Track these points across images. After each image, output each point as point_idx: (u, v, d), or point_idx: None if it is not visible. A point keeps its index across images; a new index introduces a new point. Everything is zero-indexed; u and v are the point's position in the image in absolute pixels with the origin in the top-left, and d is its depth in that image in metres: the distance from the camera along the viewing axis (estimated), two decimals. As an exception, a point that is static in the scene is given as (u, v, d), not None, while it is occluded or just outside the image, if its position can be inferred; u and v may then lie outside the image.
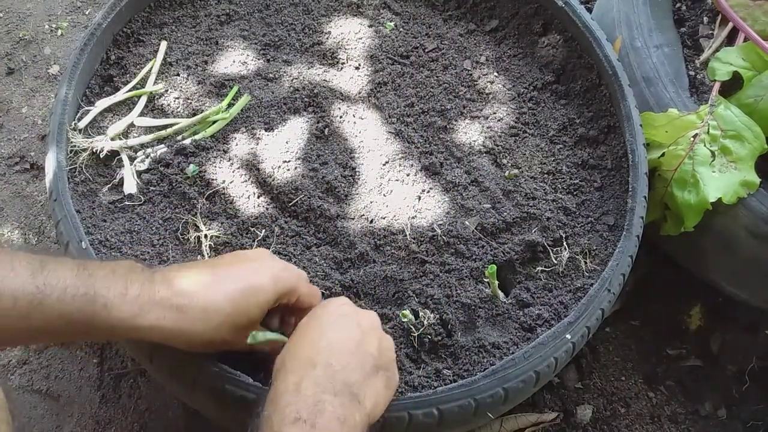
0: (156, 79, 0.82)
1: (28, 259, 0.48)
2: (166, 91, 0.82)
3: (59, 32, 1.22)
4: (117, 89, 0.81)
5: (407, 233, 0.73)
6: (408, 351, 0.65)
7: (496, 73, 0.88)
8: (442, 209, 0.75)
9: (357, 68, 0.86)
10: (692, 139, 0.79)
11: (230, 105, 0.80)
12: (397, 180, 0.77)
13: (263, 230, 0.72)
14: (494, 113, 0.84)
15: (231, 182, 0.75)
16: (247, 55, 0.86)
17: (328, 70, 0.86)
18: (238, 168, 0.76)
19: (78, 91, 0.78)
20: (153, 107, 0.81)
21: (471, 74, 0.87)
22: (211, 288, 0.53)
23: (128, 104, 0.80)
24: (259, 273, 0.55)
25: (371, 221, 0.74)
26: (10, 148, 1.09)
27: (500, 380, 0.60)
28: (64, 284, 0.47)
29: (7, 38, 1.20)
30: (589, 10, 0.97)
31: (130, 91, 0.80)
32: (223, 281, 0.54)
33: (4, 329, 0.46)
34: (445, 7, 0.95)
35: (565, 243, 0.73)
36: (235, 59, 0.85)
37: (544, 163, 0.81)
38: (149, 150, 0.76)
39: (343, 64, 0.87)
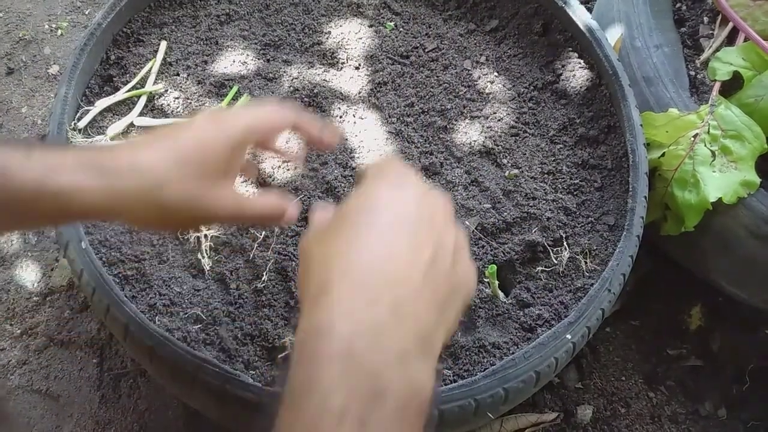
0: (156, 79, 0.82)
1: None
2: (166, 91, 0.81)
3: (59, 32, 1.22)
4: (117, 89, 0.81)
5: (407, 233, 0.73)
6: (408, 351, 0.65)
7: (496, 73, 0.88)
8: (442, 209, 0.75)
9: (357, 68, 0.86)
10: (693, 139, 0.79)
11: (230, 105, 0.80)
12: (397, 180, 0.77)
13: (263, 230, 0.72)
14: (494, 113, 0.84)
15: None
16: (247, 55, 0.86)
17: (328, 70, 0.86)
18: (238, 168, 0.76)
19: (78, 90, 0.77)
20: (153, 107, 0.81)
21: (471, 74, 0.87)
22: (144, 144, 0.44)
23: (128, 104, 0.80)
24: (215, 115, 0.47)
25: (371, 221, 0.74)
26: (9, 148, 1.09)
27: (500, 380, 0.60)
28: None
29: (6, 38, 1.20)
30: (590, 10, 0.97)
31: (129, 91, 0.80)
32: (161, 137, 0.45)
33: None
34: (445, 7, 0.95)
35: (565, 243, 0.73)
36: (235, 59, 0.85)
37: (545, 163, 0.81)
38: (149, 150, 0.75)
39: (343, 64, 0.87)
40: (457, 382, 0.61)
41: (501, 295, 0.70)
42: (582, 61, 0.86)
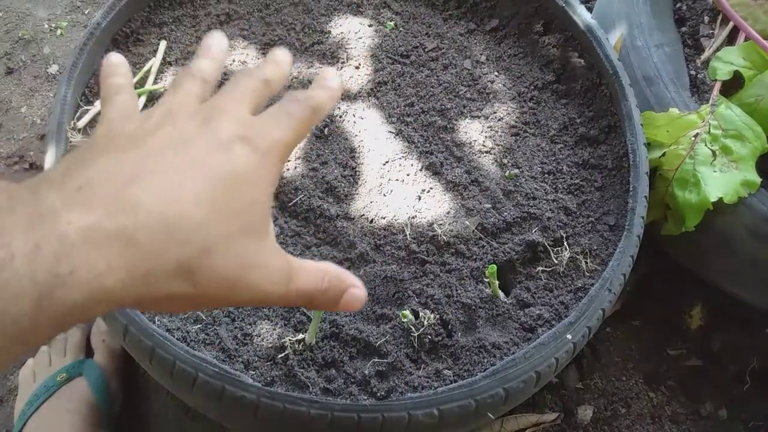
0: (155, 78, 0.82)
1: None
2: (166, 90, 0.81)
3: (58, 32, 1.22)
4: (116, 89, 0.81)
5: (407, 233, 0.73)
6: (408, 351, 0.65)
7: (496, 73, 0.88)
8: (442, 209, 0.75)
9: (357, 68, 0.86)
10: (693, 138, 0.79)
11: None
12: (397, 180, 0.77)
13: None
14: (494, 113, 0.84)
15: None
16: (247, 55, 0.86)
17: (328, 69, 0.86)
18: (238, 168, 0.76)
19: (77, 90, 0.77)
20: (152, 107, 0.80)
21: (471, 74, 0.87)
22: (158, 183, 0.29)
23: (128, 104, 0.80)
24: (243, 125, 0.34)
25: (371, 221, 0.74)
26: (9, 147, 1.09)
27: (501, 380, 0.60)
28: None
29: (6, 38, 1.20)
30: (590, 10, 0.97)
31: (129, 90, 0.80)
32: (172, 169, 0.30)
33: None
34: (446, 7, 0.94)
35: (565, 243, 0.73)
36: (235, 59, 0.85)
37: (545, 163, 0.80)
38: (149, 150, 0.75)
39: (343, 63, 0.87)
40: (457, 382, 0.61)
41: (501, 295, 0.70)
42: (582, 60, 0.86)
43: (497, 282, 0.68)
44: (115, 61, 0.41)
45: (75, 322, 0.27)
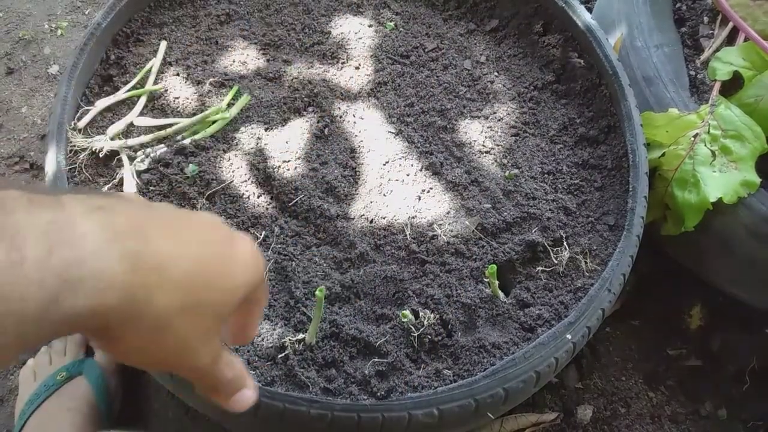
0: (156, 78, 0.82)
1: None
2: (166, 90, 0.81)
3: (59, 32, 1.22)
4: (117, 89, 0.81)
5: (407, 233, 0.73)
6: (408, 351, 0.65)
7: (496, 73, 0.88)
8: (442, 209, 0.75)
9: (357, 68, 0.86)
10: (693, 138, 0.79)
11: (230, 105, 0.80)
12: (397, 180, 0.77)
13: (263, 230, 0.72)
14: (494, 113, 0.84)
15: (231, 182, 0.75)
16: (247, 55, 0.86)
17: (328, 69, 0.86)
18: (238, 168, 0.76)
19: (78, 90, 0.77)
20: (153, 107, 0.81)
21: (471, 74, 0.87)
22: (167, 234, 0.33)
23: (128, 104, 0.80)
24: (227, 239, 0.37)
25: (371, 221, 0.74)
26: (9, 147, 1.09)
27: (500, 380, 0.60)
28: None
29: (6, 38, 1.20)
30: (590, 10, 0.97)
31: (129, 90, 0.80)
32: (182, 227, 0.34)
33: None
34: (445, 7, 0.95)
35: (565, 243, 0.73)
36: (235, 59, 0.85)
37: (545, 163, 0.80)
38: (149, 150, 0.76)
39: (343, 63, 0.87)
40: (457, 382, 0.61)
41: (501, 295, 0.70)
42: (582, 61, 0.86)
43: (497, 282, 0.68)
44: None
45: (75, 329, 0.28)
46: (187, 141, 0.76)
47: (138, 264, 0.30)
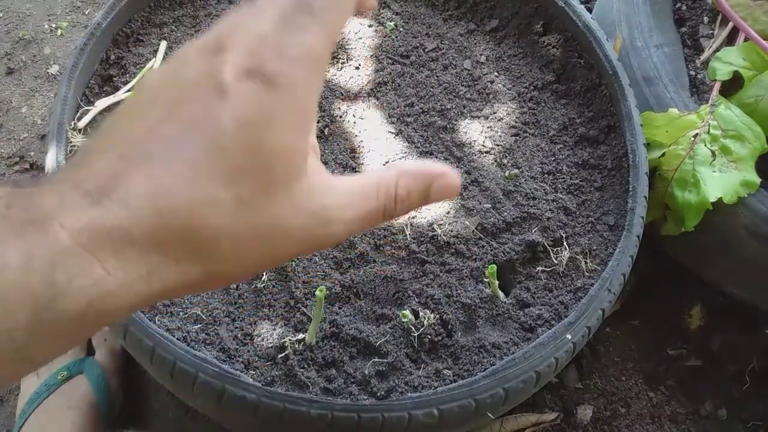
0: (156, 78, 0.82)
1: None
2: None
3: (59, 32, 1.22)
4: (117, 89, 0.81)
5: (407, 233, 0.73)
6: (408, 351, 0.65)
7: (496, 73, 0.88)
8: (442, 209, 0.75)
9: (357, 68, 0.86)
10: (693, 138, 0.79)
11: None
12: (397, 180, 0.77)
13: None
14: (494, 113, 0.84)
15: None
16: (247, 55, 0.86)
17: (328, 69, 0.86)
18: (238, 168, 0.76)
19: (78, 90, 0.77)
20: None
21: (471, 74, 0.87)
22: (151, 166, 0.26)
23: (128, 104, 0.80)
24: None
25: (371, 221, 0.74)
26: (9, 147, 1.09)
27: (500, 380, 0.60)
28: None
29: (6, 38, 1.20)
30: (590, 10, 0.97)
31: (129, 90, 0.80)
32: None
33: None
34: (445, 7, 0.95)
35: (565, 243, 0.73)
36: (235, 59, 0.85)
37: (545, 163, 0.81)
38: (149, 150, 0.75)
39: (343, 63, 0.87)
40: (457, 382, 0.61)
41: (501, 295, 0.70)
42: (582, 61, 0.86)
43: (497, 282, 0.68)
44: None
45: (81, 335, 0.25)
46: (187, 141, 0.76)
47: (128, 234, 0.25)
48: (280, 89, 0.26)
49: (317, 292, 0.58)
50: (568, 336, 0.63)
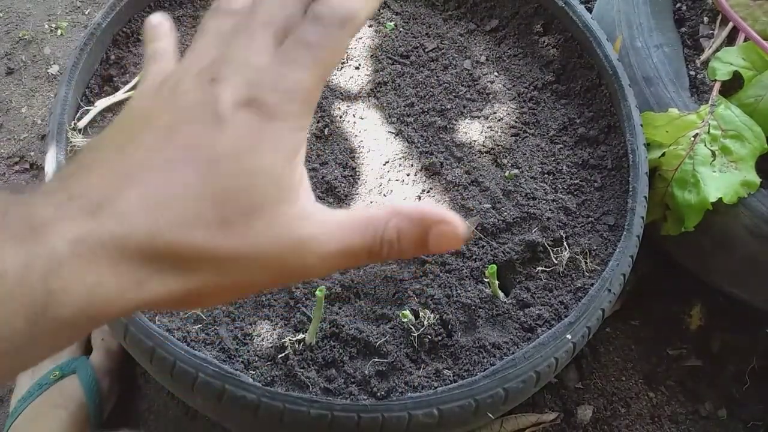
0: (156, 78, 0.82)
1: None
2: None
3: (59, 32, 1.22)
4: (117, 89, 0.81)
5: (407, 233, 0.73)
6: (408, 351, 0.65)
7: (496, 73, 0.88)
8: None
9: (357, 68, 0.86)
10: (693, 138, 0.79)
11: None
12: (397, 180, 0.77)
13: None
14: (494, 113, 0.84)
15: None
16: (247, 55, 0.86)
17: (328, 69, 0.86)
18: (238, 168, 0.76)
19: (78, 90, 0.77)
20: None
21: (471, 74, 0.87)
22: (149, 182, 0.27)
23: (128, 104, 0.80)
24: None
25: (371, 221, 0.74)
26: (9, 147, 1.09)
27: (500, 380, 0.60)
28: None
29: (6, 38, 1.20)
30: (590, 10, 0.97)
31: (129, 91, 0.80)
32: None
33: None
34: (445, 7, 0.95)
35: (565, 243, 0.73)
36: (235, 59, 0.85)
37: (545, 163, 0.80)
38: (149, 150, 0.75)
39: (342, 63, 0.87)
40: (457, 382, 0.61)
41: (501, 295, 0.70)
42: (582, 61, 0.86)
43: (497, 282, 0.68)
44: (154, 22, 0.37)
45: (75, 337, 0.26)
46: (187, 141, 0.76)
47: (123, 246, 0.25)
48: (274, 121, 0.28)
49: (317, 292, 0.58)
50: (568, 336, 0.63)
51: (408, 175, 0.77)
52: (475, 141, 0.81)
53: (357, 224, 0.31)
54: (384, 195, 0.76)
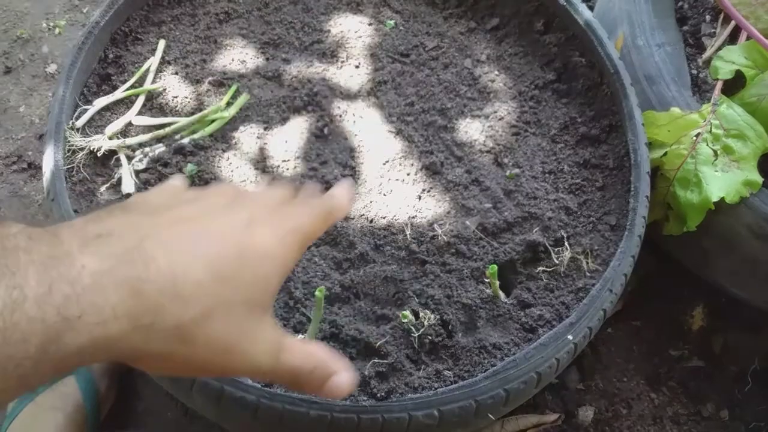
0: (154, 77, 0.81)
1: None
2: (165, 89, 0.81)
3: (57, 31, 1.21)
4: (115, 88, 0.80)
5: (407, 233, 0.72)
6: (408, 352, 0.65)
7: (497, 72, 0.87)
8: (442, 209, 0.75)
9: (357, 67, 0.86)
10: (695, 138, 0.79)
11: (229, 104, 0.79)
12: (397, 179, 0.77)
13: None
14: (495, 112, 0.83)
15: (230, 182, 0.74)
16: (246, 54, 0.85)
17: (328, 68, 0.85)
18: (237, 167, 0.75)
19: (76, 89, 0.77)
20: (151, 106, 0.80)
21: (472, 73, 0.87)
22: (173, 243, 0.31)
23: (126, 103, 0.80)
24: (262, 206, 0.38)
25: (371, 221, 0.74)
26: (7, 147, 1.09)
27: (501, 381, 0.60)
28: None
29: (4, 37, 1.19)
30: (591, 8, 0.97)
31: (128, 90, 0.80)
32: (187, 232, 0.32)
33: None
34: (446, 5, 0.94)
35: (566, 243, 0.73)
36: (234, 58, 0.85)
37: (546, 163, 0.80)
38: (147, 149, 0.75)
39: (342, 62, 0.86)
40: (458, 383, 0.61)
41: (502, 295, 0.69)
42: (583, 59, 0.86)
43: (498, 282, 0.68)
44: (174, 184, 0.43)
45: (75, 366, 0.28)
46: (185, 140, 0.76)
47: (140, 288, 0.28)
48: (280, 240, 0.36)
49: (317, 293, 0.57)
50: (570, 337, 0.63)
51: (408, 174, 0.77)
52: (475, 140, 0.81)
53: (299, 352, 0.39)
54: (384, 195, 0.75)
